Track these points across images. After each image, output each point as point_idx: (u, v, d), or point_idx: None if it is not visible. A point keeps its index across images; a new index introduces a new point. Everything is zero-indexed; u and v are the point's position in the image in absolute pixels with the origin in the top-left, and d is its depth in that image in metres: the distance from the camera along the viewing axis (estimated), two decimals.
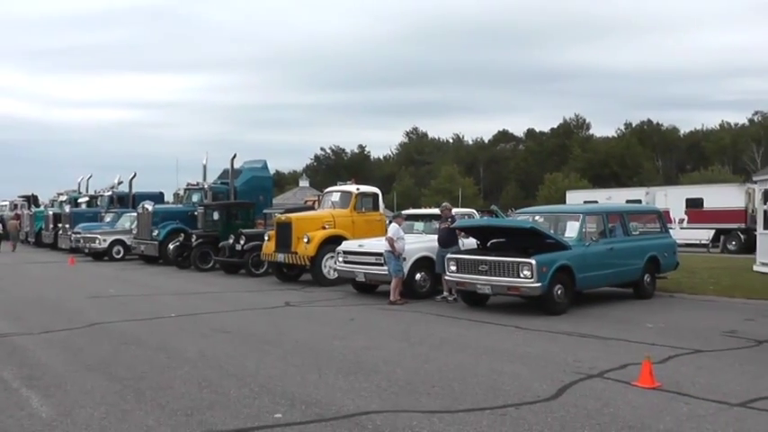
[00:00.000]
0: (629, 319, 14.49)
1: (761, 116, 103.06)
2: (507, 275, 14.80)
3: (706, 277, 21.86)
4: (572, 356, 10.52)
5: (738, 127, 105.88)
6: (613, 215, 17.68)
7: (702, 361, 10.44)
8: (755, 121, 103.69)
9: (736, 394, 8.48)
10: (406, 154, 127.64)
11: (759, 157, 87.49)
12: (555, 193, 75.70)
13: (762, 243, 25.07)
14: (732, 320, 14.21)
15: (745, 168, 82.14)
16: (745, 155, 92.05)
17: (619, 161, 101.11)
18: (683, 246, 32.75)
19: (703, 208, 39.45)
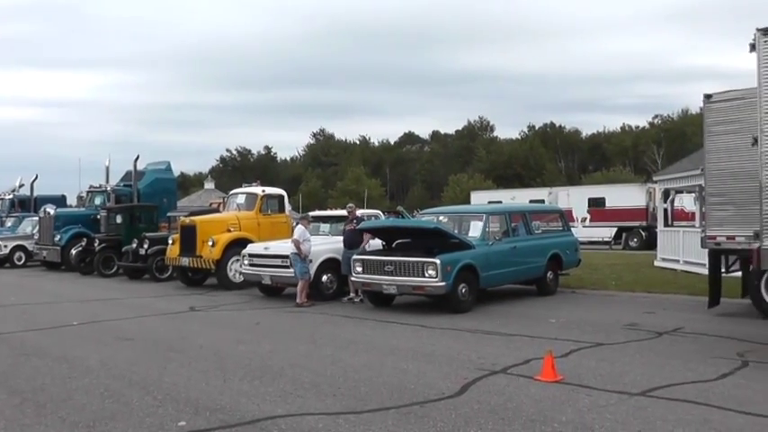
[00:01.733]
0: (532, 315, 14.78)
1: (661, 119, 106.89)
2: (412, 275, 14.90)
3: (608, 273, 22.50)
4: (476, 353, 10.64)
5: (639, 129, 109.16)
6: (516, 215, 17.99)
7: (604, 353, 10.71)
8: (656, 124, 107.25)
9: (637, 384, 8.73)
10: (313, 155, 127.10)
11: (660, 159, 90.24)
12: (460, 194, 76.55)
13: (662, 240, 26.00)
14: (633, 314, 14.66)
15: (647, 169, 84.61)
16: (647, 156, 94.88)
17: (522, 162, 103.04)
18: (587, 243, 33.76)
19: (605, 207, 40.63)
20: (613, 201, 40.58)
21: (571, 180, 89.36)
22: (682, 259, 23.27)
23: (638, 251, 35.69)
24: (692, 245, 20.66)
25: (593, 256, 27.14)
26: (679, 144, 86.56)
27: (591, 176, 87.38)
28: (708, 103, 14.60)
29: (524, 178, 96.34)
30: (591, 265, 23.30)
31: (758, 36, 9.76)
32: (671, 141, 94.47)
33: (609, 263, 26.23)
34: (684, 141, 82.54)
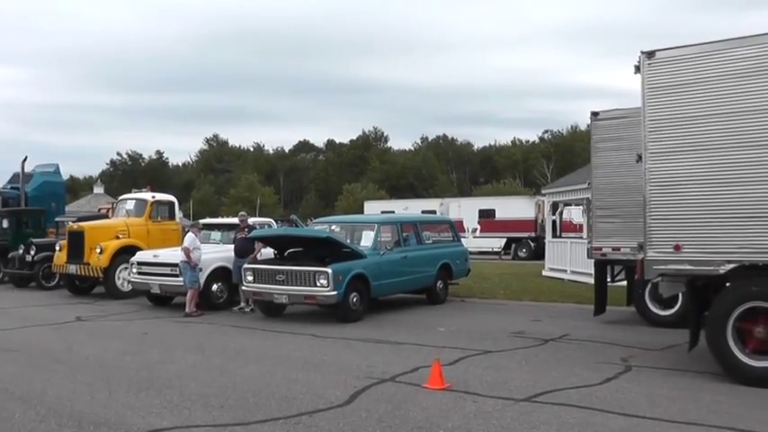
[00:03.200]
0: (421, 323, 14.90)
1: (551, 134, 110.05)
2: (304, 284, 14.82)
3: (497, 282, 22.93)
4: (366, 362, 10.66)
5: (529, 144, 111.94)
6: (407, 225, 18.13)
7: (491, 361, 10.90)
8: (546, 139, 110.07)
9: (522, 390, 8.93)
10: (206, 161, 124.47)
11: (549, 172, 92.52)
12: (353, 204, 76.70)
13: (550, 250, 26.73)
14: (520, 322, 14.96)
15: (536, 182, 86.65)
16: (536, 169, 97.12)
17: (415, 173, 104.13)
18: (477, 253, 34.29)
19: (495, 218, 41.50)
20: (503, 212, 41.51)
21: (462, 191, 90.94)
22: (569, 269, 23.93)
23: (526, 261, 36.60)
24: (579, 255, 21.22)
25: (482, 266, 27.60)
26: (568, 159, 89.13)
27: (482, 188, 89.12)
28: (595, 121, 15.09)
29: (417, 189, 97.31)
30: (480, 274, 23.70)
31: (643, 59, 10.10)
32: (560, 156, 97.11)
33: (498, 272, 26.74)
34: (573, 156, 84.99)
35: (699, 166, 9.64)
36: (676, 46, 10.00)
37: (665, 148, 9.89)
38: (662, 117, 9.94)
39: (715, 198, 9.54)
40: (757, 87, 9.29)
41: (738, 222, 9.38)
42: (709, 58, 9.69)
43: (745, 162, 9.33)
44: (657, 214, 9.90)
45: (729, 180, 9.44)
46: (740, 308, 9.45)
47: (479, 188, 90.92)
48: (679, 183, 9.78)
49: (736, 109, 9.41)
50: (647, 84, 10.04)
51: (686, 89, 9.79)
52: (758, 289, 9.38)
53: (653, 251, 9.93)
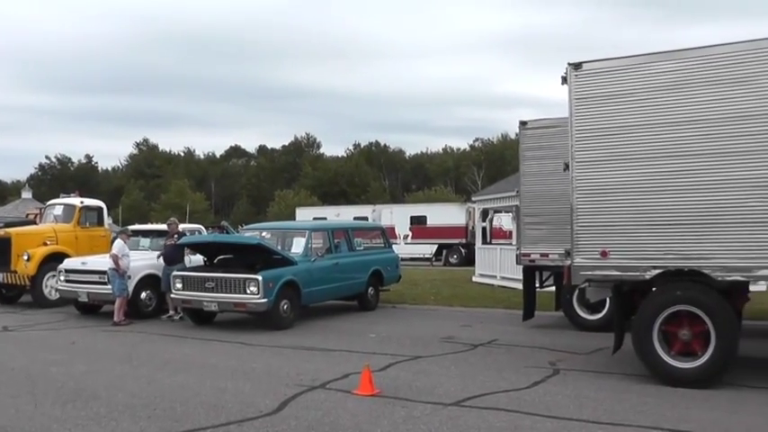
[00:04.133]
0: (352, 330, 14.91)
1: (482, 143, 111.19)
2: (234, 292, 14.70)
3: (428, 288, 23.07)
4: (296, 370, 10.61)
5: (461, 152, 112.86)
6: (339, 231, 18.14)
7: (421, 366, 10.97)
8: (477, 147, 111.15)
9: (451, 395, 9.01)
10: (136, 166, 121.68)
11: (480, 180, 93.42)
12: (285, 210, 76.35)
13: (480, 256, 27.03)
14: (450, 327, 15.09)
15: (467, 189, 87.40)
16: (467, 177, 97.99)
17: (348, 180, 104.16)
18: (408, 260, 34.47)
19: (427, 225, 41.77)
20: (434, 219, 41.85)
21: (394, 198, 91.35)
22: (499, 275, 24.22)
23: (457, 267, 36.88)
24: (509, 261, 21.50)
25: (413, 273, 27.75)
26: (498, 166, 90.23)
27: (414, 195, 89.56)
28: (523, 130, 15.30)
29: (350, 195, 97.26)
30: (411, 280, 23.82)
31: (569, 70, 10.28)
32: (491, 164, 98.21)
33: (429, 279, 26.90)
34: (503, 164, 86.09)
35: (625, 176, 9.88)
36: (603, 58, 10.23)
37: (592, 157, 10.10)
38: (588, 127, 10.15)
39: (641, 206, 9.78)
40: (681, 100, 9.60)
41: (664, 230, 9.64)
42: (635, 71, 9.96)
43: (670, 171, 9.61)
44: (584, 221, 10.10)
45: (655, 189, 9.70)
46: (666, 312, 9.71)
47: (411, 195, 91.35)
48: (605, 191, 9.99)
49: (661, 120, 9.69)
50: (574, 95, 10.23)
51: (612, 100, 10.02)
52: (683, 293, 9.66)
53: (580, 257, 10.12)
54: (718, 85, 9.42)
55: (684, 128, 9.55)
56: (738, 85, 9.30)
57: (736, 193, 9.27)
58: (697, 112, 9.50)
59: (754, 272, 9.29)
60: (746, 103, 9.24)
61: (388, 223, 37.64)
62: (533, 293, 15.37)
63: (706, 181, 9.42)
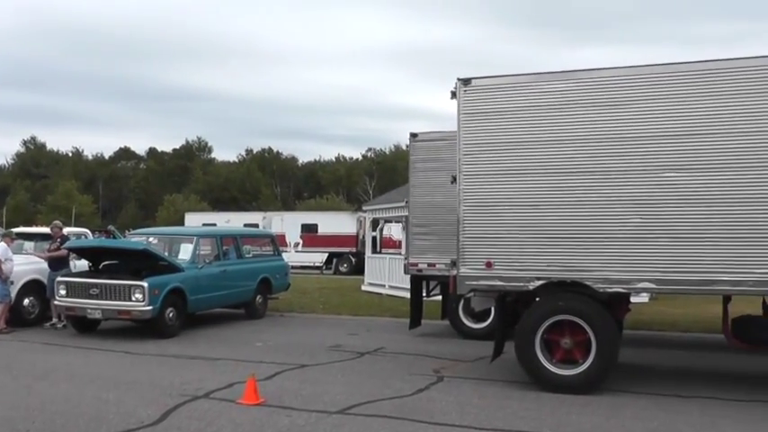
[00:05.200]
0: (239, 338, 14.77)
1: (374, 152, 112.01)
2: (119, 299, 14.37)
3: (317, 297, 23.05)
4: (180, 379, 10.44)
5: (353, 161, 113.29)
6: (227, 238, 17.95)
7: (307, 375, 10.98)
8: (369, 157, 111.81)
9: (336, 403, 9.05)
10: (23, 165, 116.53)
11: (371, 189, 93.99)
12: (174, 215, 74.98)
13: (369, 265, 27.16)
14: (338, 335, 15.15)
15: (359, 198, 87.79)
16: (359, 186, 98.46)
17: (239, 186, 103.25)
18: (299, 268, 34.40)
19: (318, 233, 41.70)
20: (325, 227, 41.87)
21: (286, 205, 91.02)
22: (387, 284, 24.43)
23: (347, 276, 36.94)
24: (397, 271, 21.68)
25: (303, 281, 27.70)
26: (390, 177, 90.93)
27: (305, 203, 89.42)
28: (413, 142, 15.51)
29: (240, 201, 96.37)
30: (300, 289, 23.76)
31: (459, 85, 10.49)
32: (382, 174, 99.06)
33: (318, 287, 26.88)
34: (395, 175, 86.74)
35: (510, 189, 10.15)
36: (491, 75, 10.50)
37: (479, 170, 10.33)
38: (476, 141, 10.38)
39: (525, 219, 10.07)
40: (564, 119, 9.97)
41: (547, 242, 9.96)
42: (522, 90, 10.28)
43: (554, 187, 9.95)
44: (470, 233, 10.31)
45: (539, 203, 10.02)
46: (548, 321, 10.03)
47: (303, 203, 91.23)
48: (491, 204, 10.24)
49: (546, 138, 10.03)
50: (463, 109, 10.45)
51: (499, 117, 10.29)
52: (565, 304, 10.00)
53: (465, 268, 10.32)
54: (599, 107, 9.85)
55: (567, 146, 9.93)
56: (618, 108, 9.76)
57: (616, 209, 9.69)
58: (579, 131, 9.89)
59: (634, 284, 9.72)
60: (625, 125, 9.72)
61: (279, 231, 37.43)
62: (420, 302, 15.58)
63: (588, 197, 9.81)
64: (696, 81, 9.52)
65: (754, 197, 9.17)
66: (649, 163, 9.59)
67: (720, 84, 9.41)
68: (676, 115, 9.52)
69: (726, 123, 9.33)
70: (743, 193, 9.22)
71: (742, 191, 9.22)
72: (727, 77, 9.40)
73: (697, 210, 9.39)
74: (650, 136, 9.60)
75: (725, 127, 9.33)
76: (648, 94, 9.66)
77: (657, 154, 9.56)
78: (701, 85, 9.49)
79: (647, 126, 9.63)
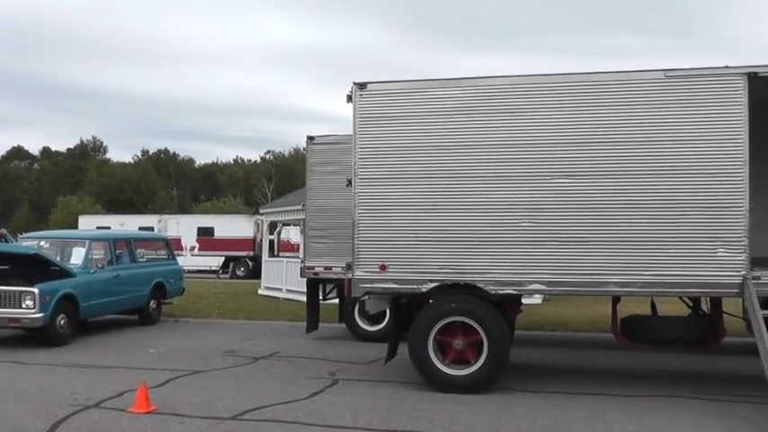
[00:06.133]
0: (132, 345, 14.50)
1: (273, 155, 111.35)
2: (8, 306, 13.86)
3: (213, 301, 22.85)
4: (70, 389, 10.17)
5: (252, 163, 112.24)
6: (121, 242, 17.61)
7: (200, 381, 10.88)
8: (268, 159, 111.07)
9: (229, 409, 8.99)
10: None
11: (270, 192, 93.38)
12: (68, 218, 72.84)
13: (266, 269, 27.11)
14: (233, 340, 15.05)
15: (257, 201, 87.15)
16: (257, 189, 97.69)
17: (134, 187, 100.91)
18: (195, 272, 33.97)
19: (214, 236, 41.24)
20: (222, 231, 41.43)
21: (183, 208, 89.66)
22: (285, 288, 24.39)
23: (244, 280, 36.74)
24: (295, 274, 21.61)
25: (199, 285, 27.44)
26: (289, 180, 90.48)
27: (202, 205, 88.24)
28: (310, 145, 15.56)
29: (136, 204, 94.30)
30: (196, 293, 23.53)
31: (355, 89, 10.58)
32: (281, 176, 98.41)
33: (214, 291, 26.67)
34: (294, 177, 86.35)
35: (404, 193, 10.30)
36: (387, 80, 10.63)
37: (374, 174, 10.44)
38: (371, 145, 10.49)
39: (419, 223, 10.23)
40: (457, 125, 10.21)
41: (440, 245, 10.16)
42: (416, 95, 10.46)
43: (447, 192, 10.18)
44: (365, 236, 10.41)
45: (432, 207, 10.22)
46: (441, 322, 10.21)
47: (200, 205, 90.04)
48: (385, 207, 10.36)
49: (440, 143, 10.24)
50: (359, 114, 10.54)
51: (394, 121, 10.44)
52: (458, 306, 10.19)
53: (360, 270, 10.41)
54: (492, 114, 10.14)
55: (460, 151, 10.18)
56: (510, 115, 10.07)
57: (508, 214, 9.99)
58: (472, 137, 10.15)
59: (525, 286, 10.02)
60: (516, 132, 10.05)
61: (175, 234, 36.97)
62: (317, 306, 15.65)
63: (480, 201, 10.07)
64: (586, 91, 9.94)
65: (641, 203, 9.64)
66: (540, 169, 9.94)
67: (608, 95, 9.87)
68: (566, 124, 9.91)
69: (613, 132, 9.79)
70: (630, 199, 9.68)
71: (629, 197, 9.68)
72: (615, 89, 9.87)
73: (587, 215, 9.79)
74: (541, 143, 9.96)
75: (612, 136, 9.78)
76: (540, 103, 10.02)
77: (548, 161, 9.93)
78: (590, 95, 9.92)
79: (538, 133, 9.98)
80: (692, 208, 9.55)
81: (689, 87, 9.70)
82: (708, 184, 9.54)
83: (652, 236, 9.61)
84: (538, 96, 10.03)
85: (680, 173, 9.60)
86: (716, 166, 9.55)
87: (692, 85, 9.70)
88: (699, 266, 9.54)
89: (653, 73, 9.84)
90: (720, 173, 9.53)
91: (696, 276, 9.55)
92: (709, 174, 9.55)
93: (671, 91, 9.73)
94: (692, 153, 9.60)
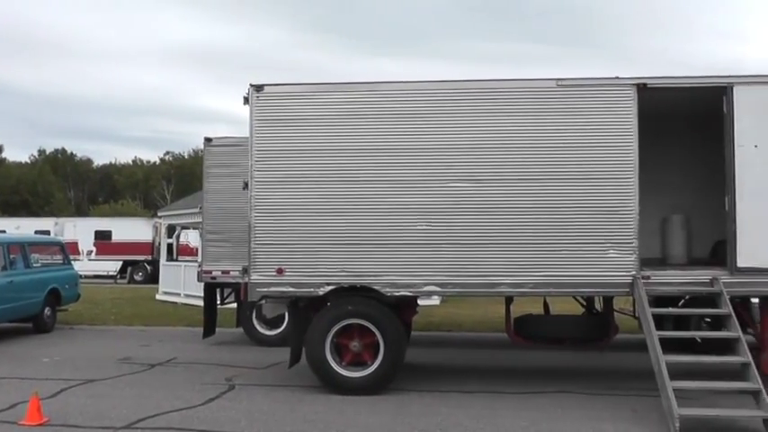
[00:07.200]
0: (25, 354, 14.09)
1: (172, 156, 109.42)
2: None
3: (109, 308, 22.41)
4: None
5: (151, 164, 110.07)
6: (14, 246, 17.06)
7: (95, 390, 10.67)
8: (167, 161, 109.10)
9: (123, 417, 8.87)
10: None
11: (169, 195, 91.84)
12: None
13: (164, 274, 26.76)
14: (129, 347, 14.81)
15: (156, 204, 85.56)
16: (156, 191, 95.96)
17: (31, 189, 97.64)
18: (92, 277, 33.26)
19: (112, 240, 40.33)
20: (120, 234, 40.54)
21: (80, 211, 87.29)
22: (183, 292, 24.12)
23: (142, 285, 36.12)
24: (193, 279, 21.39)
25: (96, 291, 26.89)
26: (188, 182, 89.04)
27: (99, 208, 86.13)
28: (208, 147, 15.42)
29: (32, 206, 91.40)
30: (92, 299, 23.05)
31: (251, 91, 10.56)
32: (180, 178, 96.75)
33: (111, 297, 26.15)
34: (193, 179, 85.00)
35: (301, 197, 10.36)
36: (284, 83, 10.67)
37: (270, 177, 10.45)
38: (268, 148, 10.50)
39: (315, 226, 10.30)
40: (353, 129, 10.37)
41: (337, 249, 10.26)
42: (313, 98, 10.54)
43: (343, 195, 10.30)
44: (261, 239, 10.40)
45: (328, 211, 10.31)
46: (338, 325, 10.33)
47: (98, 208, 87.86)
48: (282, 211, 10.38)
49: (335, 147, 10.36)
50: (255, 116, 10.55)
51: (291, 124, 10.49)
52: (354, 308, 10.32)
53: (257, 274, 10.40)
54: (387, 118, 10.34)
55: (356, 155, 10.33)
56: (405, 120, 10.30)
57: (402, 217, 10.19)
58: (368, 141, 10.33)
59: (420, 287, 10.22)
60: (411, 137, 10.27)
61: (72, 238, 36.14)
62: (214, 310, 15.53)
63: (376, 205, 10.24)
64: (479, 98, 10.25)
65: (534, 207, 10.03)
66: (434, 174, 10.18)
67: (501, 102, 10.22)
68: (460, 129, 10.20)
69: (506, 138, 10.15)
70: (523, 202, 10.04)
71: (523, 201, 10.04)
72: (508, 96, 10.23)
73: (480, 218, 10.08)
74: (435, 148, 10.21)
75: (505, 141, 10.14)
76: (434, 109, 10.28)
77: (442, 165, 10.18)
78: (484, 102, 10.24)
79: (433, 138, 10.23)
80: (584, 211, 9.97)
81: (580, 96, 10.13)
82: (599, 189, 9.99)
83: (544, 238, 9.97)
84: (432, 102, 10.28)
85: (572, 178, 10.01)
86: (607, 172, 10.00)
87: (583, 94, 10.13)
88: (590, 267, 9.96)
89: (545, 81, 10.21)
90: (611, 178, 9.99)
91: (588, 276, 9.97)
92: (600, 179, 9.99)
93: (563, 99, 10.13)
94: (584, 159, 10.02)
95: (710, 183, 11.79)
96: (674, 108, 11.82)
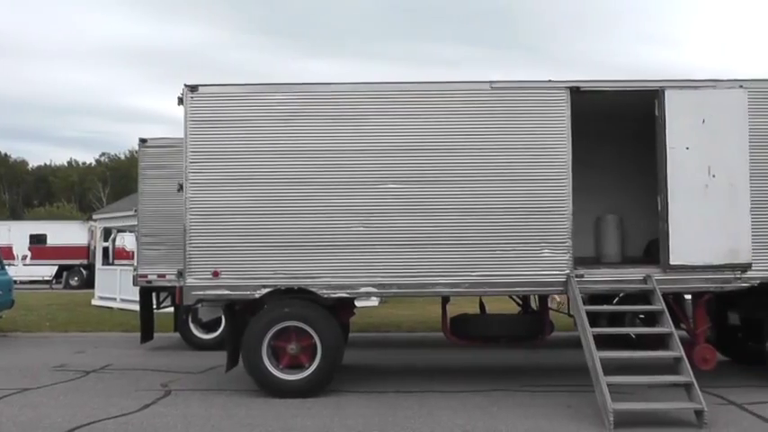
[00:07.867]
0: None
1: (108, 157, 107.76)
2: None
3: (44, 314, 21.98)
4: None
5: (86, 166, 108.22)
6: None
7: (28, 399, 10.40)
8: (103, 162, 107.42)
9: (57, 427, 8.67)
10: None
11: (105, 197, 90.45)
12: None
13: (100, 278, 26.29)
14: (64, 354, 14.53)
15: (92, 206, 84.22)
16: (92, 193, 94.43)
17: None
18: (27, 283, 32.61)
19: (47, 244, 39.57)
20: (55, 238, 39.81)
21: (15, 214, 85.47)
22: (119, 297, 23.76)
23: (78, 290, 35.55)
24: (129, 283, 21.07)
25: (30, 297, 26.38)
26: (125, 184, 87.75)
27: (34, 211, 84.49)
28: (143, 147, 15.20)
29: None
30: (27, 305, 22.60)
31: (186, 91, 10.43)
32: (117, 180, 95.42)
33: (46, 303, 25.67)
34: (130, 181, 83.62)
35: (236, 198, 10.26)
36: (219, 83, 10.56)
37: (205, 179, 10.34)
38: (203, 149, 10.38)
39: (251, 228, 10.23)
40: (289, 131, 10.32)
41: (273, 251, 10.20)
42: (249, 99, 10.46)
43: (279, 197, 10.25)
44: (196, 242, 10.29)
45: (264, 212, 10.25)
46: (274, 328, 10.26)
47: (33, 211, 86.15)
48: (217, 213, 10.28)
49: (271, 149, 10.30)
50: (190, 116, 10.42)
51: (226, 125, 10.38)
52: (290, 310, 10.27)
53: (192, 278, 10.28)
54: (322, 120, 10.33)
55: (292, 157, 10.28)
56: (341, 122, 10.31)
57: (338, 219, 10.18)
58: (303, 142, 10.28)
59: (357, 289, 10.22)
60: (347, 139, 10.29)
61: (6, 242, 35.32)
62: (151, 315, 15.34)
63: (312, 207, 10.21)
64: (414, 100, 10.31)
65: (469, 208, 10.13)
66: (371, 175, 10.21)
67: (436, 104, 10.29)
68: (395, 131, 10.25)
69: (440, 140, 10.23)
70: (458, 204, 10.13)
71: (457, 202, 10.13)
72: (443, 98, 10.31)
73: (416, 219, 10.15)
74: (371, 150, 10.23)
75: (440, 143, 10.22)
76: (369, 111, 10.31)
77: (378, 167, 10.22)
78: (419, 104, 10.30)
79: (369, 140, 10.26)
80: (519, 212, 10.11)
81: (514, 99, 10.27)
82: (534, 190, 10.14)
83: (479, 239, 10.08)
84: (367, 104, 10.31)
85: (506, 179, 10.14)
86: (541, 173, 10.15)
87: (517, 97, 10.27)
88: (525, 266, 10.09)
89: (479, 84, 10.31)
90: (545, 179, 10.14)
91: (523, 276, 10.10)
92: (534, 180, 10.13)
93: (497, 101, 10.24)
94: (518, 161, 10.15)
95: (643, 184, 12.05)
96: (607, 111, 12.01)
